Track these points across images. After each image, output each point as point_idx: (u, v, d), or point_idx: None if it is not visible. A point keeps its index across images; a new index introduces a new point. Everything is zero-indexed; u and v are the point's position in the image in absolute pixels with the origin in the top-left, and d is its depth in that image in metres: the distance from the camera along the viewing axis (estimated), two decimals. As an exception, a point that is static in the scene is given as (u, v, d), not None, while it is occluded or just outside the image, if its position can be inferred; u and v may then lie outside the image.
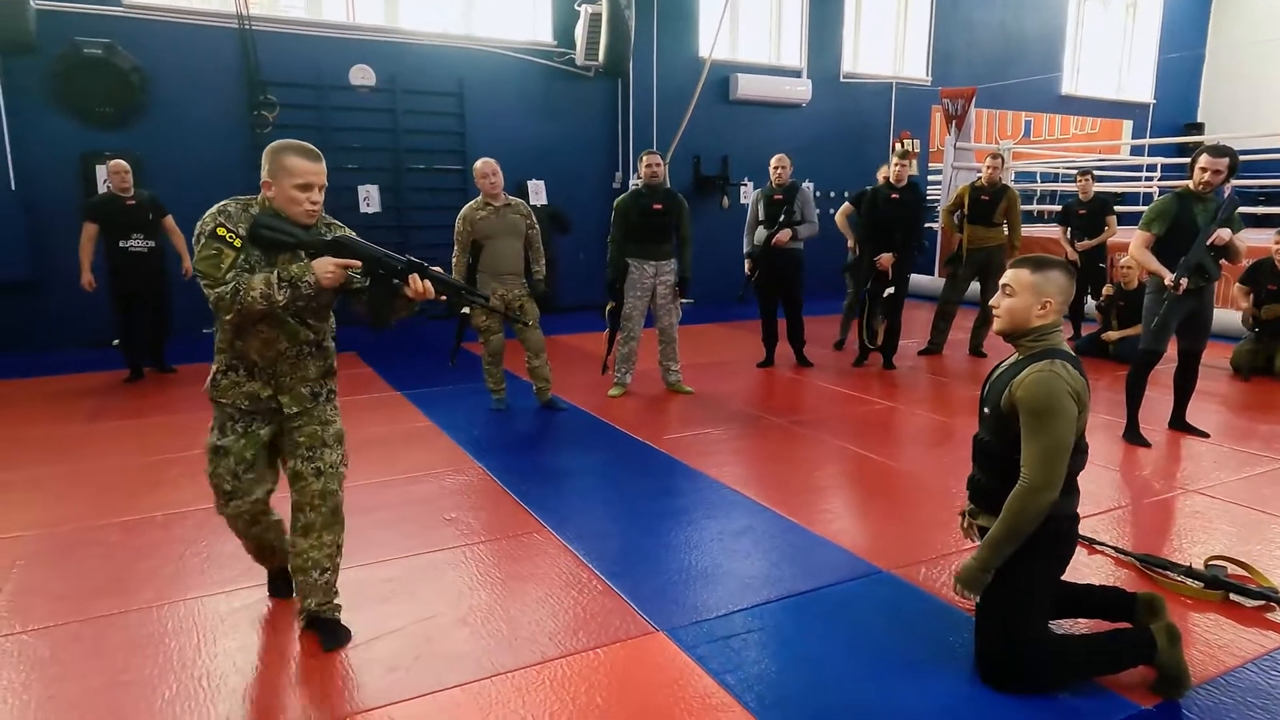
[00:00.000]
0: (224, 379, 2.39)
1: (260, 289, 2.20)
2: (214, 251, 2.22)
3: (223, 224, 2.24)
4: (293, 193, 2.28)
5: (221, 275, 2.21)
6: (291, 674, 2.35)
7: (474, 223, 4.86)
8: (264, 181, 2.30)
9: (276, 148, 2.30)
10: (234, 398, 2.38)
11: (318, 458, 2.46)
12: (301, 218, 2.31)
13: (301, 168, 2.28)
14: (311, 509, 2.46)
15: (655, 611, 2.68)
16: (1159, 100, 14.63)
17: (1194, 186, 4.32)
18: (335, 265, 2.27)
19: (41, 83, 7.14)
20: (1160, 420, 4.84)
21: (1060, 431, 2.12)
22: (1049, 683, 2.22)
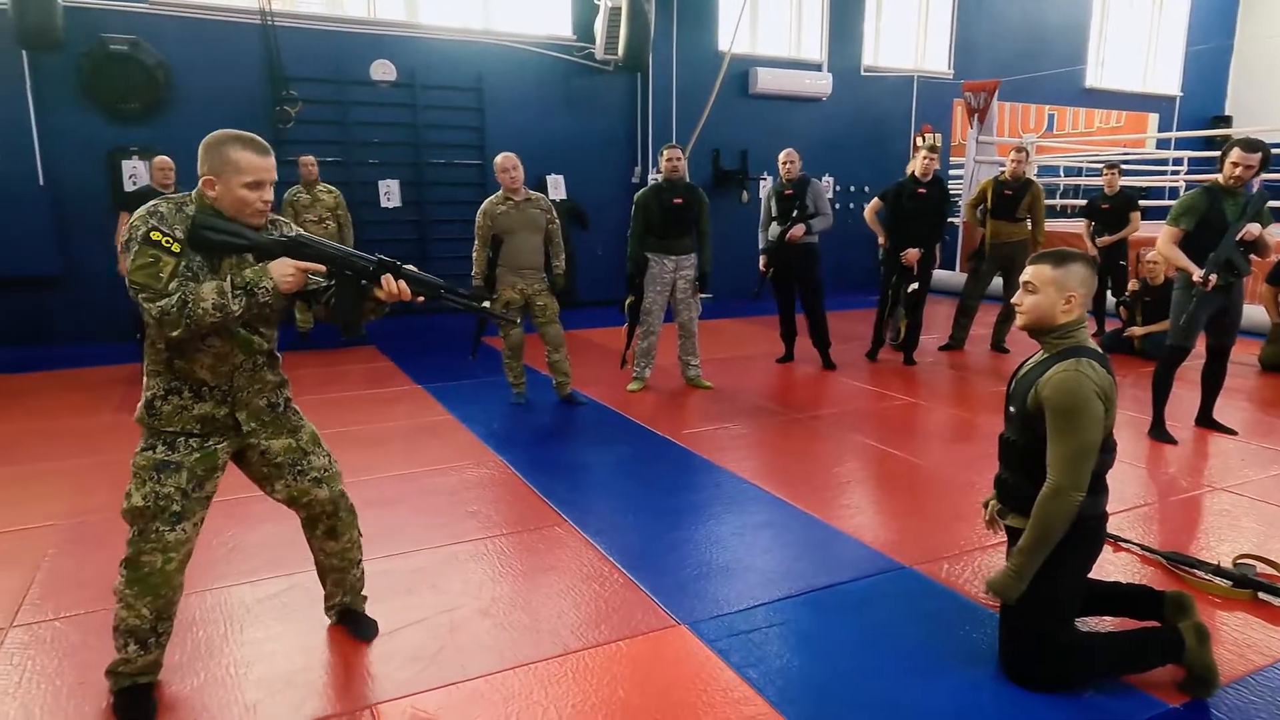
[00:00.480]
0: (165, 404, 2.09)
1: (212, 299, 1.94)
2: (150, 260, 1.92)
3: (156, 227, 1.94)
4: (242, 192, 2.00)
5: (163, 286, 1.92)
6: (317, 664, 2.37)
7: (494, 217, 4.88)
8: (205, 179, 2.00)
9: (219, 139, 2.01)
10: (182, 424, 2.10)
11: (308, 469, 2.30)
12: (252, 219, 2.04)
13: (252, 163, 2.00)
14: (329, 515, 2.37)
15: (676, 605, 2.68)
16: (1186, 93, 14.42)
17: (1224, 181, 4.26)
18: (295, 268, 2.02)
19: (68, 79, 7.24)
20: (1187, 417, 4.78)
21: (1087, 432, 2.10)
22: (1075, 681, 2.20)
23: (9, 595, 2.77)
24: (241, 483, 3.46)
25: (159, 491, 2.07)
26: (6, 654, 2.42)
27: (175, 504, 2.09)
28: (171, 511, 2.08)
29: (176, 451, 2.10)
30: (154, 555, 2.09)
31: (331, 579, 2.49)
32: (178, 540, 2.11)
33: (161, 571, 2.10)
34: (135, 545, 2.10)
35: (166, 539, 2.09)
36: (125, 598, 2.11)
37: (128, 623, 2.12)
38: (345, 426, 4.65)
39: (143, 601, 2.10)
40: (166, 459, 2.09)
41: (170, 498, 2.08)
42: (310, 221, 6.89)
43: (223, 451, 2.18)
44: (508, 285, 4.94)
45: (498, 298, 4.94)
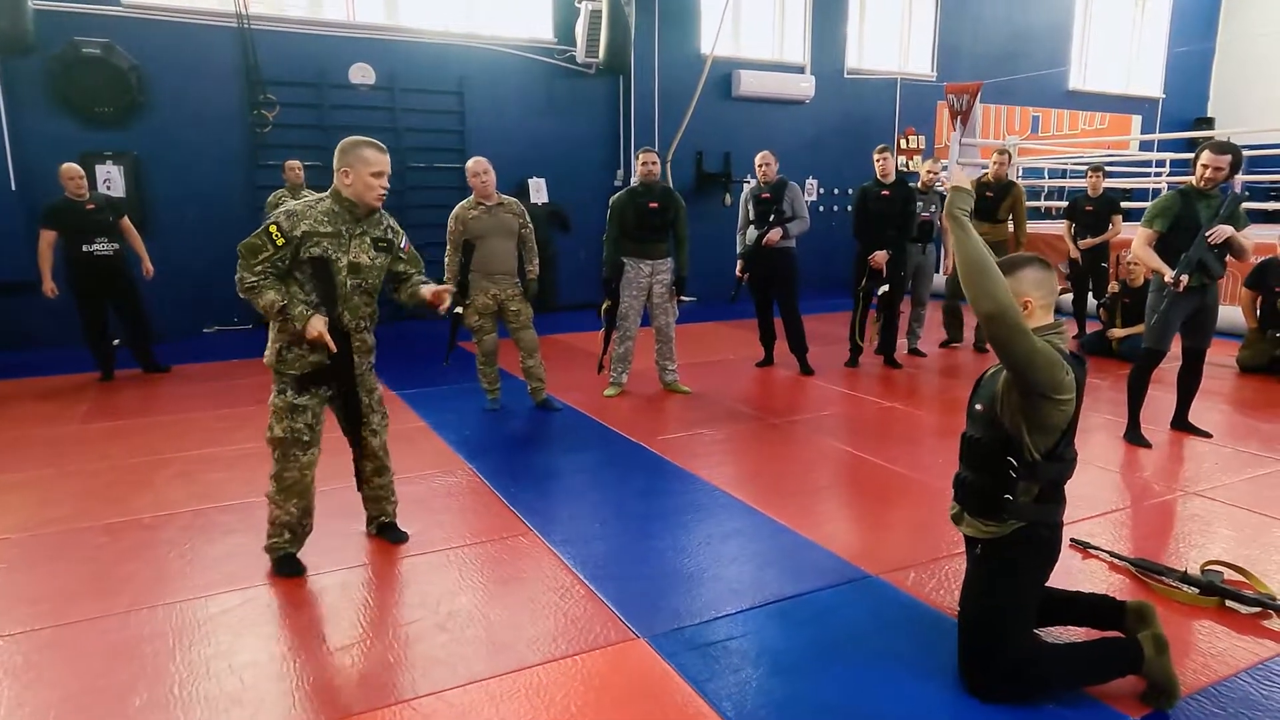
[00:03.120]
0: (289, 353, 2.78)
1: (265, 303, 2.67)
2: (258, 242, 2.65)
3: (278, 222, 2.66)
4: (369, 180, 2.72)
5: (253, 264, 2.64)
6: (265, 682, 2.31)
7: (465, 222, 4.83)
8: (341, 170, 2.72)
9: (352, 143, 2.75)
10: (303, 368, 2.79)
11: (371, 422, 3.04)
12: (374, 201, 2.76)
13: (377, 159, 2.75)
14: (376, 458, 3.10)
15: (637, 617, 2.64)
16: (1168, 94, 14.48)
17: (1196, 183, 4.25)
18: (320, 332, 2.67)
19: (40, 82, 7.16)
20: (1163, 420, 4.76)
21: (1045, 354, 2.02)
22: (1033, 692, 2.16)
23: (-45, 612, 2.70)
24: (208, 492, 3.39)
25: (293, 426, 2.82)
26: (-53, 673, 2.36)
27: (305, 435, 2.85)
28: (304, 441, 2.85)
29: (302, 396, 2.82)
30: (294, 470, 2.85)
31: (374, 507, 3.21)
32: (310, 460, 2.88)
33: (301, 480, 2.88)
34: (280, 464, 2.85)
35: (302, 460, 2.86)
36: (276, 500, 2.88)
37: (280, 518, 2.89)
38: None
39: (290, 502, 2.88)
40: (295, 402, 2.81)
41: (302, 430, 2.84)
42: None
43: (329, 396, 2.90)
44: (480, 290, 4.89)
45: (470, 303, 4.89)
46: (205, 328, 8.15)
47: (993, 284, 2.01)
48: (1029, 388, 2.07)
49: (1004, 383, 2.17)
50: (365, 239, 2.82)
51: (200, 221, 7.85)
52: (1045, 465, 2.17)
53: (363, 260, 2.82)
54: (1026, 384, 2.07)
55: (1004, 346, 2.03)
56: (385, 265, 2.92)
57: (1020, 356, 2.02)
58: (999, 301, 2.00)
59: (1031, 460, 2.16)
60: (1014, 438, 2.17)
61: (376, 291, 2.92)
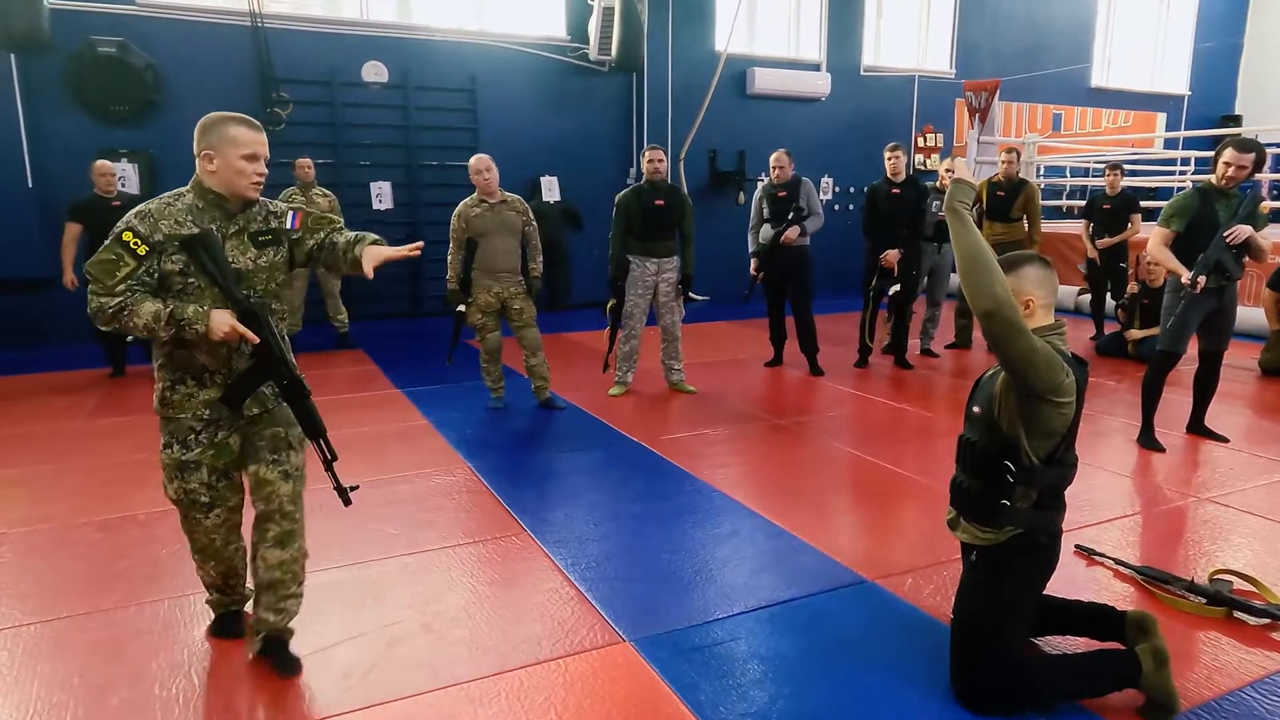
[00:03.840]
0: (174, 394, 2.24)
1: (146, 320, 2.06)
2: (113, 257, 2.06)
3: (133, 227, 2.06)
4: (240, 164, 2.14)
5: (112, 285, 2.05)
6: (244, 681, 2.29)
7: (468, 219, 4.81)
8: (204, 154, 2.14)
9: (216, 119, 2.17)
10: (192, 410, 2.23)
11: (284, 460, 2.31)
12: (248, 191, 2.18)
13: (248, 137, 2.15)
14: (284, 516, 2.29)
15: (625, 621, 2.59)
16: (1194, 92, 14.20)
17: (1216, 182, 4.14)
18: (231, 326, 2.10)
19: (57, 81, 7.24)
20: (1179, 423, 4.65)
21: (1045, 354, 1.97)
22: (1026, 704, 2.10)
23: (-52, 606, 2.71)
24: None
25: (186, 487, 2.28)
26: (-67, 668, 2.36)
27: (203, 496, 2.29)
28: (202, 503, 2.30)
29: (191, 450, 2.26)
30: (199, 535, 2.35)
31: (268, 598, 2.29)
32: (214, 524, 2.33)
33: (211, 546, 2.37)
34: (185, 526, 2.36)
35: (204, 524, 2.33)
36: (195, 559, 2.43)
37: (203, 578, 2.48)
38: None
39: (207, 567, 2.43)
40: (184, 459, 2.26)
41: (197, 492, 2.28)
42: None
43: (233, 443, 2.30)
44: (483, 289, 4.87)
45: (473, 301, 4.87)
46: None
47: (991, 280, 1.95)
48: (1027, 389, 2.01)
49: (1002, 384, 2.10)
50: (243, 237, 2.22)
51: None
52: (1044, 470, 2.10)
53: (244, 264, 2.21)
54: (1025, 385, 2.00)
55: (1001, 345, 1.96)
56: (281, 264, 2.31)
57: (1018, 356, 1.95)
58: (997, 298, 1.94)
59: (1030, 465, 2.09)
60: (1012, 441, 2.11)
61: (275, 296, 2.31)
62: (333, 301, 7.14)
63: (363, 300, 8.28)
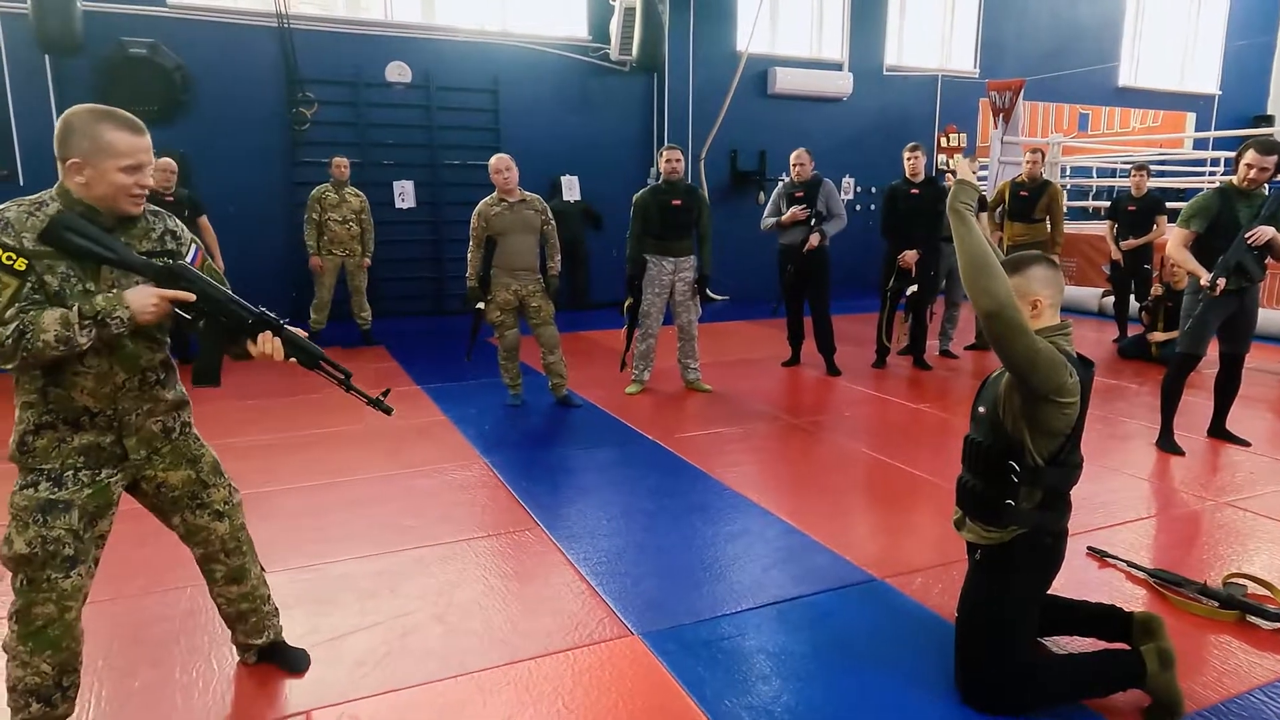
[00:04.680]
0: (39, 439, 1.83)
1: (55, 331, 1.69)
2: None
3: (3, 243, 1.68)
4: (118, 177, 1.76)
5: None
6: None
7: (488, 218, 4.88)
8: (72, 163, 1.74)
9: (85, 116, 1.76)
10: (62, 458, 1.84)
11: (207, 501, 2.07)
12: (129, 208, 1.82)
13: (128, 144, 1.76)
14: (228, 554, 2.14)
15: (634, 615, 2.63)
16: (1225, 91, 13.98)
17: (1238, 183, 4.10)
18: (159, 297, 1.80)
19: (88, 82, 7.39)
20: (1201, 427, 4.60)
21: (1047, 355, 1.97)
22: (1031, 704, 2.10)
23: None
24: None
25: (46, 535, 1.81)
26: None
27: (67, 547, 1.83)
28: (64, 556, 1.82)
29: (64, 488, 1.84)
30: (48, 606, 1.83)
31: (241, 628, 2.23)
32: (74, 587, 1.85)
33: (61, 622, 1.85)
34: (26, 596, 1.82)
35: (62, 587, 1.83)
36: (19, 655, 1.85)
37: (26, 682, 1.86)
38: (338, 426, 4.67)
39: (41, 657, 1.85)
40: (53, 498, 1.82)
41: (61, 541, 1.82)
42: (335, 221, 6.94)
43: (115, 484, 1.92)
44: (502, 287, 4.92)
45: (492, 299, 4.94)
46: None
47: (993, 281, 1.96)
48: (1030, 389, 2.01)
49: (1006, 385, 2.11)
50: None
51: (241, 218, 8.02)
52: (1048, 471, 2.11)
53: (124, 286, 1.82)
54: (1027, 385, 2.01)
55: (1003, 345, 1.97)
56: None
57: (1020, 356, 1.96)
58: (998, 299, 1.95)
59: (1034, 465, 2.10)
60: (1016, 442, 2.11)
61: (163, 330, 1.95)
62: (358, 299, 7.24)
63: (386, 299, 8.39)
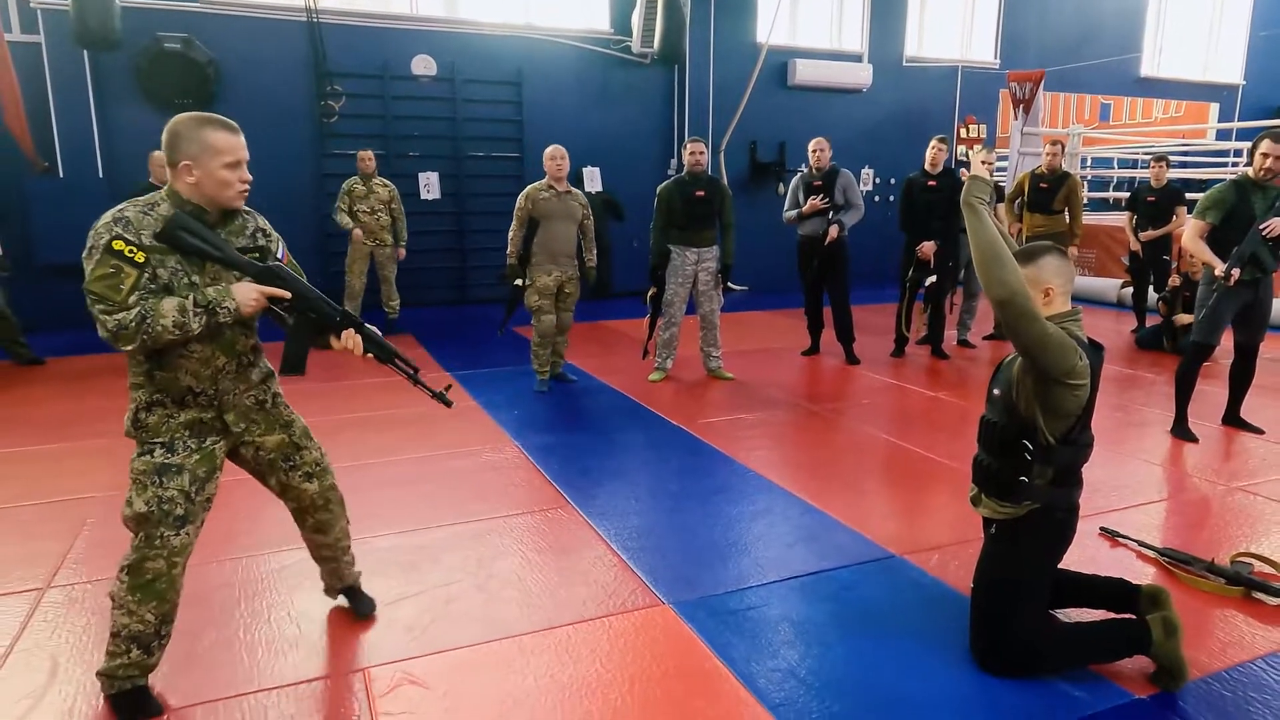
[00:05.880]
0: (150, 416, 2.06)
1: (173, 317, 1.91)
2: (110, 271, 1.89)
3: (120, 235, 1.89)
4: (223, 174, 1.97)
5: (123, 299, 1.89)
6: (318, 630, 2.53)
7: (535, 201, 5.12)
8: (183, 165, 1.95)
9: (191, 122, 1.97)
10: (171, 432, 2.07)
11: (299, 464, 2.32)
12: (234, 201, 2.04)
13: (229, 143, 1.98)
14: (317, 510, 2.39)
15: (665, 586, 2.78)
16: (1249, 81, 13.88)
17: (1254, 174, 4.17)
18: (259, 292, 2.03)
19: (126, 76, 7.61)
20: (1216, 415, 4.69)
21: (1058, 339, 2.07)
22: (1041, 668, 2.24)
23: (50, 558, 3.00)
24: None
25: (161, 496, 2.04)
26: (43, 610, 2.64)
27: (179, 507, 2.05)
28: (176, 515, 2.05)
29: (176, 454, 2.07)
30: (159, 561, 2.06)
31: (325, 569, 2.56)
32: (183, 544, 2.08)
33: (168, 576, 2.08)
34: (139, 551, 2.06)
35: (172, 544, 2.06)
36: (127, 604, 2.07)
37: (130, 629, 2.08)
38: (374, 411, 4.85)
39: (147, 607, 2.07)
40: (166, 462, 2.05)
41: (174, 501, 2.05)
42: (364, 212, 7.13)
43: (219, 451, 2.16)
44: (543, 272, 5.15)
45: (532, 282, 5.14)
46: (274, 309, 8.54)
47: (1005, 271, 2.08)
48: (1042, 372, 2.13)
49: (1019, 368, 2.23)
50: None
51: (269, 209, 8.05)
52: (1060, 449, 2.22)
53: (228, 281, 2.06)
54: (1039, 368, 2.13)
55: (1016, 331, 2.09)
56: None
57: (1032, 341, 2.08)
58: (1010, 287, 2.07)
59: (1046, 444, 2.22)
60: (1029, 422, 2.23)
61: (253, 316, 2.13)
62: (387, 288, 7.42)
63: (412, 288, 8.56)
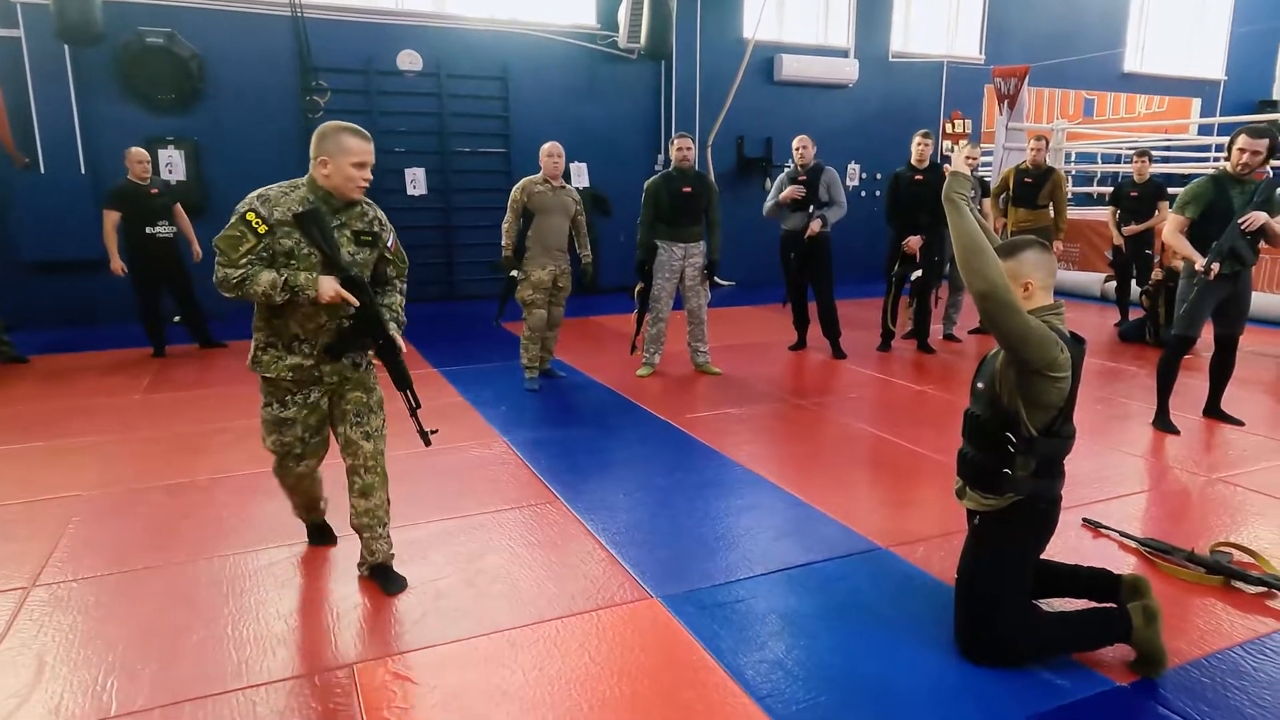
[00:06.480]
0: (264, 355, 2.59)
1: (264, 288, 2.39)
2: (237, 233, 2.40)
3: (255, 209, 2.42)
4: (350, 170, 2.48)
5: (236, 259, 2.40)
6: (307, 626, 2.53)
7: (531, 194, 5.15)
8: (321, 159, 2.47)
9: (332, 128, 2.50)
10: (278, 371, 2.57)
11: (365, 423, 2.71)
12: (354, 193, 2.52)
13: (359, 147, 2.49)
14: (367, 470, 2.71)
15: (653, 579, 2.79)
16: (1230, 76, 14.01)
17: (1232, 168, 4.22)
18: (336, 291, 2.43)
19: (107, 71, 7.54)
20: (1197, 407, 4.74)
21: (1039, 332, 2.10)
22: (1025, 657, 2.27)
23: (35, 557, 2.98)
24: (259, 457, 3.66)
25: (282, 440, 2.67)
26: (28, 610, 2.62)
27: (296, 448, 2.70)
28: (294, 454, 2.71)
29: (288, 409, 2.63)
30: (290, 476, 2.78)
31: (363, 538, 2.77)
32: (306, 469, 2.78)
33: (299, 484, 2.83)
34: (277, 471, 2.78)
35: (296, 471, 2.76)
36: (284, 490, 2.88)
37: (292, 500, 2.94)
38: (360, 407, 4.84)
39: (294, 498, 2.91)
40: (282, 416, 2.64)
41: (291, 445, 2.68)
42: None
43: (323, 403, 2.68)
44: (538, 265, 5.17)
45: (526, 276, 5.14)
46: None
47: (985, 264, 2.11)
48: (1024, 364, 2.16)
49: (1002, 361, 2.26)
50: (345, 231, 2.54)
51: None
52: (1043, 441, 2.25)
53: (343, 255, 2.53)
54: (1021, 361, 2.15)
55: (997, 324, 2.12)
56: (370, 261, 2.63)
57: (1013, 333, 2.11)
58: (991, 281, 2.09)
59: (1029, 436, 2.24)
60: (1012, 414, 2.26)
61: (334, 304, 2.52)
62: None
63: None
